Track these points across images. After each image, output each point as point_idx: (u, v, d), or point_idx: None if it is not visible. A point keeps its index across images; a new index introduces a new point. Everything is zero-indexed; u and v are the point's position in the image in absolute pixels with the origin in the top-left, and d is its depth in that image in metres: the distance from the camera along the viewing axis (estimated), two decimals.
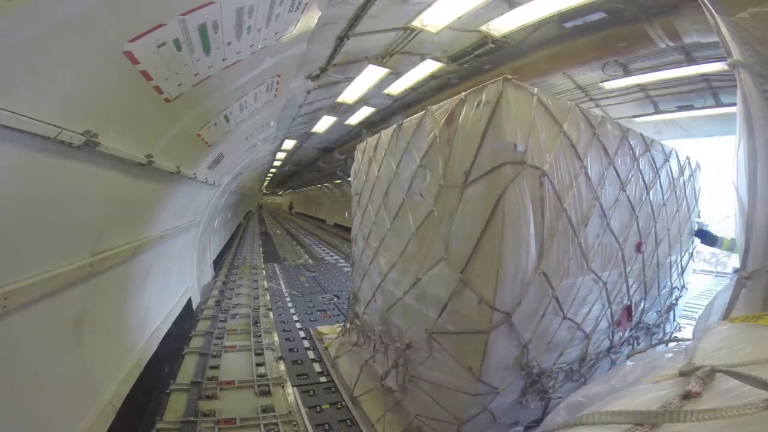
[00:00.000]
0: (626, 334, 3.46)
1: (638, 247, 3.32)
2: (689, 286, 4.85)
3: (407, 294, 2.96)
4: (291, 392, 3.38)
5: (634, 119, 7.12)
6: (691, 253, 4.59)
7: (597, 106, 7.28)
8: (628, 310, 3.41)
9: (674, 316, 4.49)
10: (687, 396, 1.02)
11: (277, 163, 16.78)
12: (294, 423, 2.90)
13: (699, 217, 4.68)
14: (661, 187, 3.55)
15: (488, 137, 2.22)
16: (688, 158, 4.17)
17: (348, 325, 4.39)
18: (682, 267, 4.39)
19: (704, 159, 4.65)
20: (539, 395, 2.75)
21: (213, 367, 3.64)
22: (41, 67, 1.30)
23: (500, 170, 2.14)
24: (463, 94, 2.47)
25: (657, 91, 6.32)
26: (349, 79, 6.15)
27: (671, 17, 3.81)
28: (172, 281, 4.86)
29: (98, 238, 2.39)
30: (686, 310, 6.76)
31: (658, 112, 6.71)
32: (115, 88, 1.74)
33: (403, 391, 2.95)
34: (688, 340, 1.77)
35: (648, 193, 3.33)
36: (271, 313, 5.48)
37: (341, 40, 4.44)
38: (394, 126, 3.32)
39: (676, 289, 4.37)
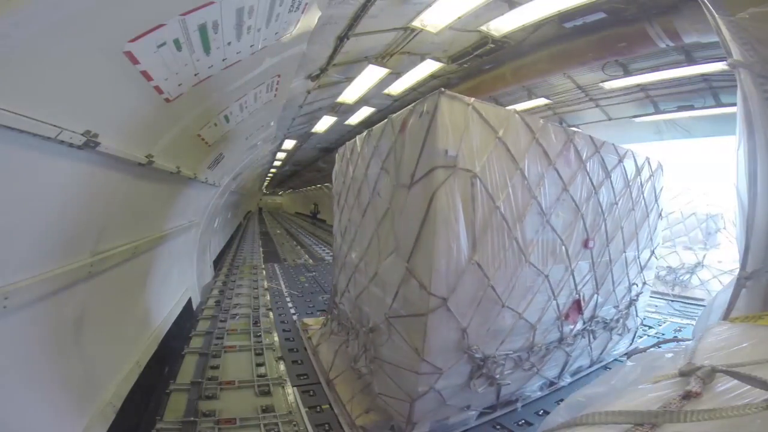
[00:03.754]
0: (578, 326, 3.59)
1: (585, 244, 3.43)
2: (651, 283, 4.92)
3: (371, 282, 3.24)
4: (291, 392, 3.38)
5: (634, 119, 7.12)
6: (653, 251, 4.66)
7: (597, 106, 7.28)
8: (578, 304, 3.52)
9: (636, 311, 4.60)
10: (687, 396, 1.02)
11: (277, 163, 16.78)
12: (294, 423, 2.90)
13: (662, 216, 4.76)
14: (612, 186, 3.67)
15: (426, 144, 2.49)
16: (647, 159, 4.27)
17: (329, 316, 4.63)
18: (640, 265, 4.44)
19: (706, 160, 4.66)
20: (488, 381, 2.95)
21: (213, 367, 3.64)
22: (41, 67, 1.30)
23: (433, 173, 2.42)
24: (413, 104, 2.72)
25: (657, 91, 6.32)
26: (349, 79, 6.15)
27: (671, 17, 3.81)
28: (172, 281, 4.86)
29: (98, 238, 2.39)
30: (686, 311, 6.78)
31: (658, 112, 6.71)
32: (115, 88, 1.74)
33: (370, 372, 3.15)
34: (688, 340, 1.77)
35: (596, 193, 3.46)
36: (271, 313, 5.48)
37: (341, 40, 4.44)
38: (365, 132, 3.56)
39: (635, 286, 4.44)
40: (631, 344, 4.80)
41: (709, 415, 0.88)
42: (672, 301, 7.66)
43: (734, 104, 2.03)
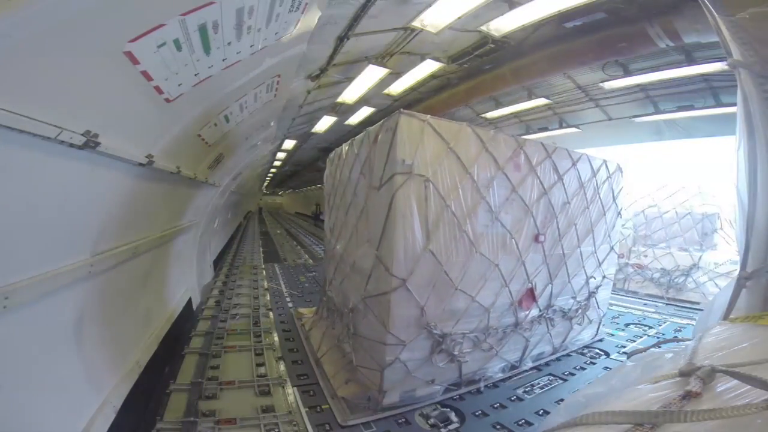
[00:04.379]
0: (531, 312, 4.00)
1: (536, 238, 3.83)
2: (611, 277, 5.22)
3: (351, 269, 3.76)
4: (291, 392, 3.38)
5: (634, 119, 7.12)
6: (612, 247, 4.96)
7: (597, 106, 7.28)
8: (531, 292, 3.91)
9: (598, 304, 4.92)
10: (687, 396, 1.02)
11: (277, 163, 16.78)
12: (294, 423, 2.90)
13: (621, 215, 5.06)
14: (565, 187, 4.06)
15: (389, 154, 3.02)
16: (605, 162, 4.62)
17: (320, 304, 5.17)
18: (598, 259, 4.75)
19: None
20: (448, 357, 3.41)
21: (213, 367, 3.64)
22: (41, 67, 1.30)
23: (394, 178, 2.96)
24: (382, 121, 3.23)
25: (657, 91, 6.32)
26: (349, 79, 6.15)
27: (671, 17, 3.81)
28: (172, 281, 4.86)
29: (98, 238, 2.39)
30: (683, 311, 6.76)
31: (658, 112, 6.71)
32: (115, 88, 1.74)
33: (352, 349, 3.60)
34: (688, 340, 1.77)
35: (547, 193, 3.87)
36: (271, 313, 5.47)
37: (341, 40, 4.44)
38: (350, 140, 4.04)
39: (593, 279, 4.73)
40: (596, 335, 5.11)
41: (709, 415, 0.88)
42: (666, 304, 7.33)
43: (734, 104, 2.03)
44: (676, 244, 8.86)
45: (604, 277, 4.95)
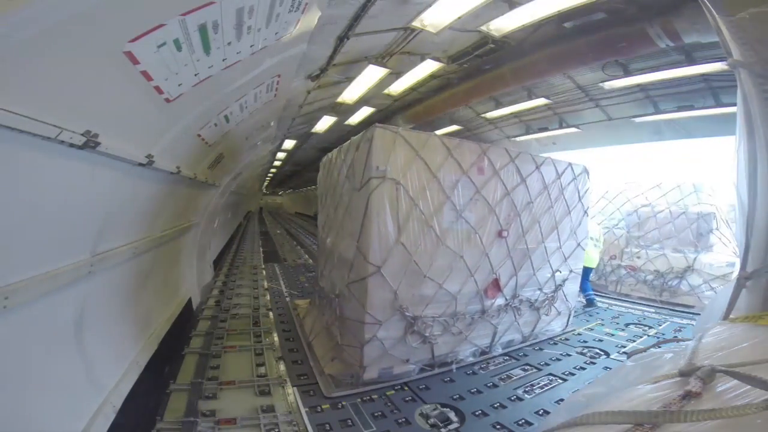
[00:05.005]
0: (497, 301, 4.35)
1: (499, 234, 4.16)
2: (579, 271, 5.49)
3: (338, 259, 4.19)
4: (291, 392, 3.38)
5: (634, 119, 7.13)
6: (578, 244, 5.29)
7: (597, 106, 7.28)
8: (496, 282, 4.26)
9: (566, 296, 5.25)
10: (687, 396, 1.02)
11: (277, 163, 16.79)
12: (294, 423, 2.90)
13: (587, 214, 5.44)
14: (528, 189, 4.41)
15: (367, 161, 3.47)
16: (570, 165, 4.94)
17: (314, 294, 5.64)
18: (564, 255, 5.08)
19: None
20: (421, 338, 3.83)
21: (213, 367, 3.64)
22: (41, 67, 1.30)
23: (370, 182, 3.42)
24: (362, 132, 3.68)
25: (657, 91, 6.32)
26: (349, 79, 6.15)
27: (671, 17, 3.81)
28: (171, 281, 4.85)
29: (98, 238, 2.39)
30: (684, 311, 6.75)
31: (658, 112, 6.71)
32: (115, 88, 1.74)
33: (339, 332, 3.98)
34: (688, 340, 1.77)
35: (510, 194, 4.23)
36: (271, 313, 5.47)
37: (341, 40, 4.44)
38: (338, 147, 4.48)
39: (559, 273, 5.04)
40: (566, 326, 5.44)
41: (709, 415, 0.88)
42: (660, 307, 7.06)
43: (734, 104, 2.03)
44: (670, 245, 8.54)
45: (571, 271, 5.26)
